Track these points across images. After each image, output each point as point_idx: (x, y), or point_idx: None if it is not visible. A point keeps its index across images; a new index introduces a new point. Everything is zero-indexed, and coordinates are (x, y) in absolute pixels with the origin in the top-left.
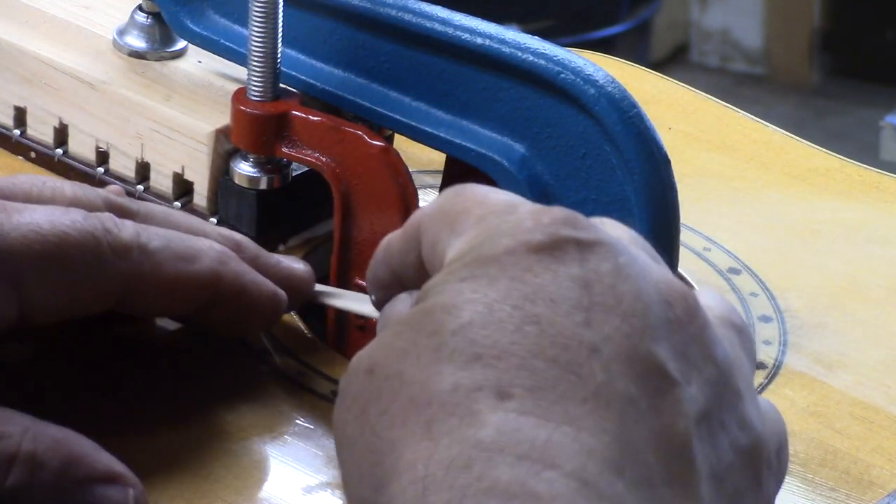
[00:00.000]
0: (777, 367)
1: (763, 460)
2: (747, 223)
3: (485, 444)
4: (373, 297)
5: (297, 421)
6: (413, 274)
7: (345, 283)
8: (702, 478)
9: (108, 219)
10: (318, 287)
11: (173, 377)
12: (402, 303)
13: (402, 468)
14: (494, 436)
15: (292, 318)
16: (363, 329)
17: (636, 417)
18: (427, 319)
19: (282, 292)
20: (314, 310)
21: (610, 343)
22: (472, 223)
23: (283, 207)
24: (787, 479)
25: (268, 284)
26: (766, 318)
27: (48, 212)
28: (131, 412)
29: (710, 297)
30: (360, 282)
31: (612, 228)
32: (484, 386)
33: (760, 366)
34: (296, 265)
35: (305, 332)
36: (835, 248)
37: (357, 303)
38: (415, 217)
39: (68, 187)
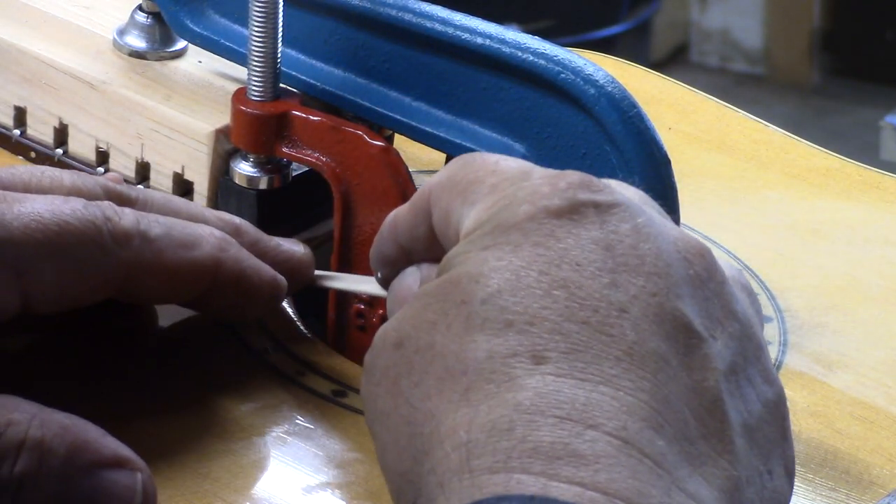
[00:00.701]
0: (777, 367)
1: (786, 414)
2: (747, 223)
3: (525, 407)
4: (378, 275)
5: (297, 421)
6: (423, 246)
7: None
8: (735, 431)
9: (108, 207)
10: (318, 272)
11: (172, 377)
12: (410, 276)
13: (443, 435)
14: (534, 398)
15: (292, 317)
16: (363, 329)
17: (669, 374)
18: (454, 290)
19: (282, 278)
20: (314, 310)
21: (637, 303)
22: (486, 192)
23: (283, 207)
24: None
25: (268, 270)
26: (766, 318)
27: (48, 201)
28: (129, 411)
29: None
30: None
31: (623, 189)
32: (518, 351)
33: None
34: (295, 248)
35: (305, 332)
36: (835, 248)
37: (359, 283)
38: (423, 189)
39: (66, 176)
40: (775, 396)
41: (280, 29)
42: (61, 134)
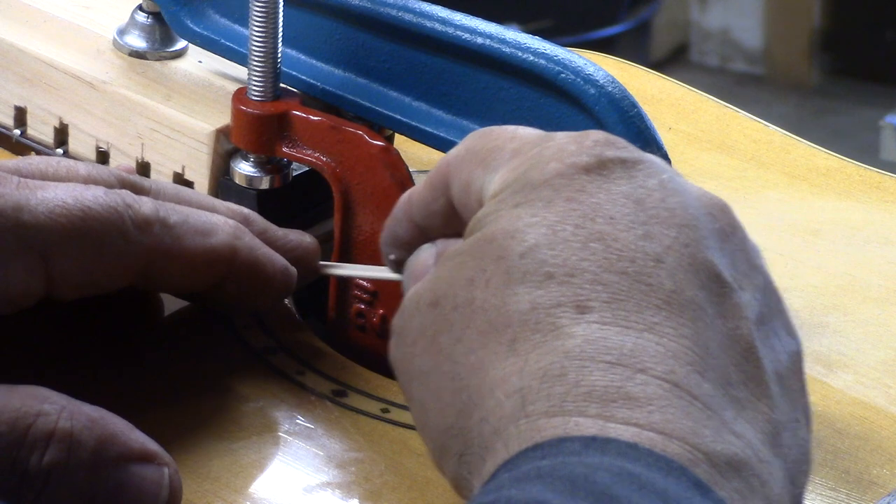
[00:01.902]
0: None
1: (803, 367)
2: (747, 223)
3: (575, 354)
4: (392, 257)
5: (297, 421)
6: (440, 222)
7: (346, 282)
8: (770, 377)
9: (128, 194)
10: (324, 262)
11: (172, 376)
12: (426, 252)
13: (494, 385)
14: (582, 345)
15: (292, 318)
16: (363, 329)
17: (707, 322)
18: (489, 247)
19: (292, 267)
20: (314, 310)
21: (671, 253)
22: (508, 157)
23: (284, 207)
24: None
25: (279, 259)
26: None
27: (70, 188)
28: (129, 411)
29: None
30: (362, 281)
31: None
32: (562, 302)
33: None
34: (302, 237)
35: (305, 332)
36: (835, 248)
37: (367, 270)
38: (440, 164)
39: (82, 166)
40: (797, 348)
41: (280, 29)
42: (61, 134)
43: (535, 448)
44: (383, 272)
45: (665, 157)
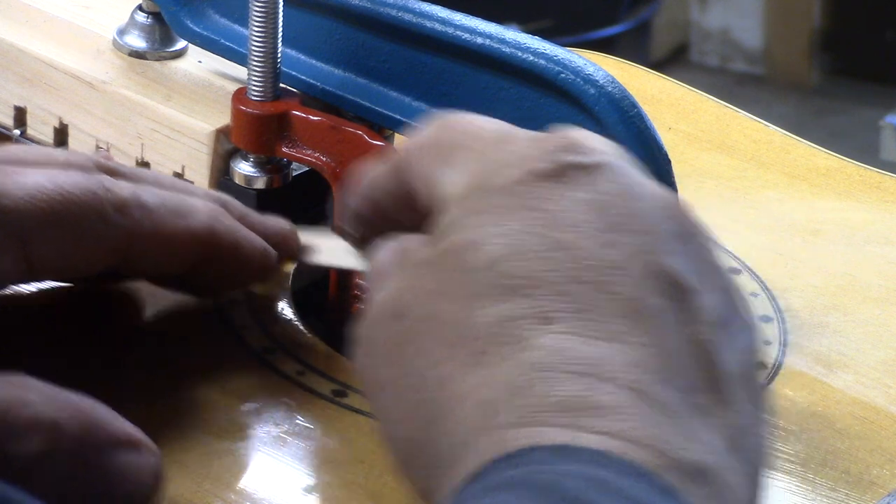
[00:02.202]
0: (777, 367)
1: (758, 361)
2: (747, 223)
3: (541, 365)
4: (355, 235)
5: (297, 421)
6: (400, 206)
7: (346, 282)
8: (734, 380)
9: (106, 178)
10: (301, 246)
11: (171, 376)
12: (389, 251)
13: (461, 398)
14: (548, 356)
15: (292, 318)
16: None
17: (669, 329)
18: (453, 258)
19: (271, 248)
20: (314, 309)
21: (633, 261)
22: (469, 157)
23: (283, 207)
24: (787, 479)
25: (259, 240)
26: (766, 318)
27: (48, 172)
28: (128, 411)
29: None
30: (361, 281)
31: (603, 146)
32: (527, 314)
33: (760, 366)
34: (281, 223)
35: (305, 332)
36: (835, 248)
37: (339, 258)
38: (402, 150)
39: (59, 153)
40: (751, 343)
41: (280, 29)
42: (61, 134)
43: (504, 458)
44: (357, 260)
45: (665, 157)
